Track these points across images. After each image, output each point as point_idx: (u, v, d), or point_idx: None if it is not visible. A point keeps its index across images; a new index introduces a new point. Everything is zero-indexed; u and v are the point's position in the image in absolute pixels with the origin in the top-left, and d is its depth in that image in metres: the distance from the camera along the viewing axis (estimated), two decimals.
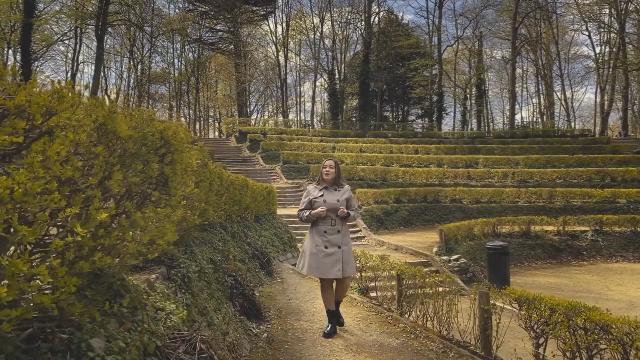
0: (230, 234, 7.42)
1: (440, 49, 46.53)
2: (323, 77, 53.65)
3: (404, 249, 14.65)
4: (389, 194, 20.37)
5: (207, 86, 63.23)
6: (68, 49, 46.20)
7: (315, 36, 53.61)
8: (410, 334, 5.66)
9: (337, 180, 5.23)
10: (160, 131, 2.22)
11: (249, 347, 4.88)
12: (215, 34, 55.11)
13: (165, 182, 2.28)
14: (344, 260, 4.96)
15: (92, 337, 1.71)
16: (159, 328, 2.42)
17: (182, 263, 3.64)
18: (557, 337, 4.12)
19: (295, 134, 36.26)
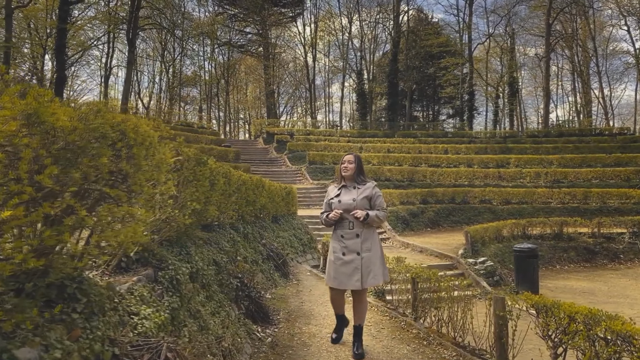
0: (242, 235, 7.30)
1: (470, 47, 45.60)
2: (352, 78, 53.36)
3: (428, 251, 14.27)
4: (415, 195, 19.96)
5: (237, 88, 63.81)
6: (102, 53, 47.30)
7: (343, 37, 53.44)
8: (423, 340, 5.40)
9: (358, 176, 4.52)
10: (116, 124, 2.06)
11: (251, 352, 4.73)
12: (245, 37, 55.59)
13: (125, 179, 2.13)
14: (364, 268, 4.26)
15: (20, 347, 1.56)
16: (122, 335, 2.26)
17: (172, 265, 3.49)
18: (575, 347, 3.79)
19: (323, 135, 36.11)
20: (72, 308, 2.00)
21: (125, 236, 2.29)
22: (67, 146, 1.77)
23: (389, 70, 45.59)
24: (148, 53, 52.64)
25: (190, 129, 33.62)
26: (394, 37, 46.01)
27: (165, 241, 3.97)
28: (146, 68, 55.81)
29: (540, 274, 14.41)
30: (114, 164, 2.04)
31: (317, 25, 53.91)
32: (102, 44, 44.53)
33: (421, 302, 6.08)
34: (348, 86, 56.22)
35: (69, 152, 1.77)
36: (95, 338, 1.98)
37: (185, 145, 3.64)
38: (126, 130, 2.08)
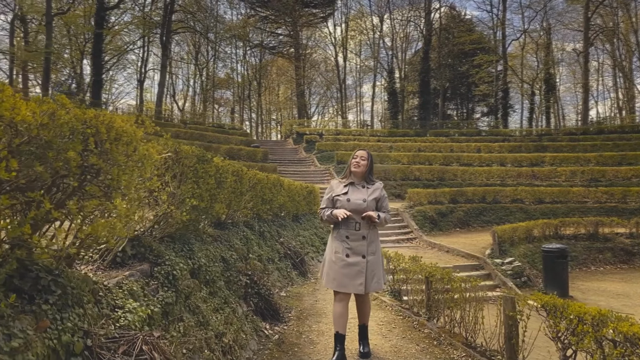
0: (257, 233, 7.34)
1: (504, 43, 44.62)
2: (383, 77, 52.99)
3: (455, 251, 14.00)
4: (443, 194, 19.62)
5: (269, 90, 64.42)
6: (138, 57, 48.55)
7: (374, 36, 53.15)
8: (434, 340, 5.30)
9: (368, 175, 4.27)
10: (87, 120, 2.10)
11: (256, 349, 4.75)
12: (276, 38, 56.05)
13: (97, 174, 2.16)
14: (368, 272, 4.03)
15: None
16: (100, 327, 2.30)
17: (168, 260, 3.54)
18: (583, 349, 3.64)
19: (352, 135, 36.01)
20: (44, 299, 2.05)
21: (103, 230, 2.33)
22: (31, 140, 1.81)
23: (421, 69, 45.07)
24: (182, 56, 53.72)
25: (221, 130, 34.14)
26: (425, 35, 45.48)
27: (167, 237, 4.03)
28: (181, 71, 57.04)
29: (573, 275, 13.98)
30: (85, 159, 2.07)
31: (348, 24, 53.86)
32: (137, 48, 45.69)
33: (435, 302, 5.97)
34: (380, 85, 55.93)
35: (33, 146, 1.81)
36: (64, 329, 2.02)
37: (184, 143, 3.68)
38: (98, 126, 2.11)
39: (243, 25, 51.59)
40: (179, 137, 26.74)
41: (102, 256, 3.26)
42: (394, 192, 22.69)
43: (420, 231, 16.78)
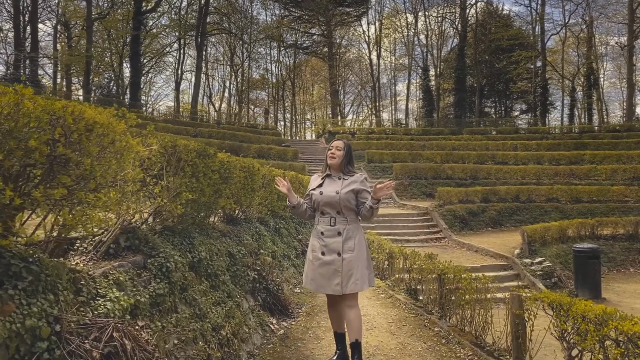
0: (272, 229, 7.38)
1: (543, 38, 43.22)
2: (418, 75, 52.36)
3: (483, 251, 13.69)
4: (475, 193, 19.20)
5: (303, 89, 64.68)
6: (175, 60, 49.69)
7: (409, 33, 52.60)
8: (442, 338, 5.19)
9: (345, 166, 3.85)
10: (56, 110, 2.15)
11: (259, 343, 4.77)
12: (310, 38, 56.18)
13: (66, 164, 2.21)
14: (344, 271, 3.62)
15: None
16: (73, 313, 2.36)
17: (162, 253, 3.59)
18: (586, 349, 3.49)
19: (385, 134, 35.70)
20: (13, 285, 2.11)
21: (75, 220, 2.38)
22: None
23: (456, 66, 44.26)
24: (217, 58, 54.63)
25: (254, 130, 34.52)
26: (460, 31, 44.64)
27: (167, 230, 4.10)
28: (217, 73, 58.01)
29: (609, 277, 13.46)
30: (52, 149, 2.12)
31: (382, 23, 53.49)
32: (174, 51, 46.78)
33: (447, 301, 5.85)
34: (414, 83, 55.29)
35: None
36: (30, 314, 2.08)
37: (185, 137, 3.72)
38: (65, 116, 2.16)
39: (277, 25, 52.01)
40: (212, 136, 27.21)
41: (95, 247, 3.34)
42: (424, 190, 22.40)
43: (449, 230, 16.48)
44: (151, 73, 49.88)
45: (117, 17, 39.85)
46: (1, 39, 39.02)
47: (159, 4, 38.90)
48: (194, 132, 27.76)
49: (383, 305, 6.75)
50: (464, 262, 12.31)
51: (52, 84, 42.61)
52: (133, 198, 3.46)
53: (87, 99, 34.04)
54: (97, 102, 33.36)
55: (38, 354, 2.08)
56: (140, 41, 35.49)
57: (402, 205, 20.13)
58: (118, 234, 3.42)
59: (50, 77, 43.45)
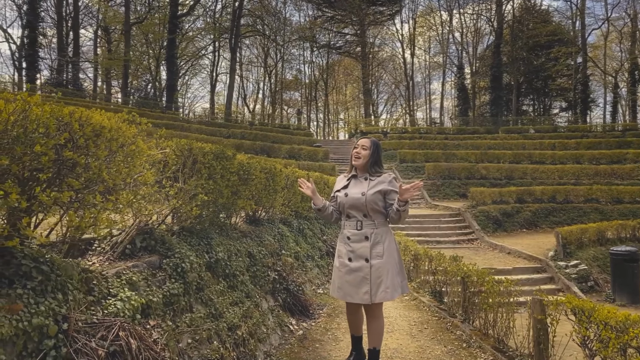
0: (295, 230, 7.41)
1: (584, 33, 41.78)
2: (453, 73, 51.61)
3: (516, 253, 13.35)
4: (509, 194, 18.73)
5: (336, 89, 64.71)
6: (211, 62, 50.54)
7: (443, 31, 51.90)
8: (463, 342, 5.10)
9: (372, 166, 3.60)
10: (64, 116, 2.23)
11: (277, 343, 4.81)
12: (343, 38, 56.15)
13: (73, 167, 2.29)
14: (373, 279, 3.40)
15: None
16: (82, 312, 2.43)
17: (178, 253, 3.66)
18: (608, 357, 3.36)
19: (418, 133, 35.32)
20: (22, 284, 2.20)
21: (84, 221, 2.46)
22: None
23: (492, 63, 43.35)
24: (251, 60, 55.29)
25: (285, 130, 34.76)
26: (496, 28, 43.70)
27: (185, 231, 4.18)
28: (251, 75, 58.72)
29: None
30: (60, 154, 2.20)
31: (416, 21, 52.97)
32: (209, 54, 47.60)
33: (471, 304, 5.74)
34: (450, 81, 54.52)
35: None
36: (37, 313, 2.16)
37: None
38: (71, 122, 2.24)
39: (310, 26, 52.22)
40: (244, 137, 27.55)
41: (112, 248, 3.44)
42: (457, 191, 22.04)
43: (482, 232, 16.15)
44: (187, 75, 50.97)
45: (154, 21, 40.86)
46: (46, 44, 40.58)
47: (194, 8, 39.69)
48: (226, 134, 28.18)
49: (406, 308, 6.69)
50: (496, 264, 12.06)
51: (93, 87, 44.10)
52: (152, 199, 3.55)
53: (125, 101, 35.09)
54: (134, 104, 34.34)
55: (45, 351, 2.16)
56: (176, 44, 36.28)
57: (434, 205, 19.87)
58: (134, 235, 3.51)
59: (91, 81, 44.97)
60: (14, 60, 40.87)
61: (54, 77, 34.35)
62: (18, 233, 2.17)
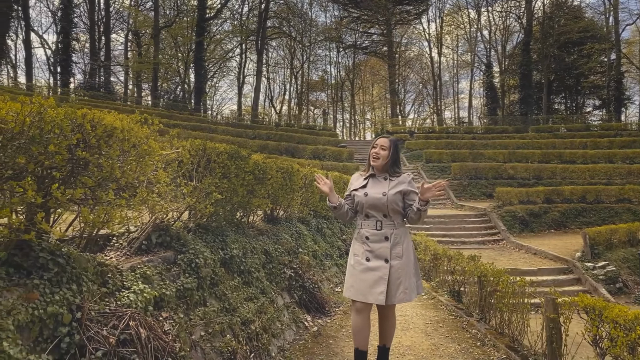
0: (314, 229, 7.50)
1: (617, 29, 40.63)
2: (481, 71, 50.87)
3: (542, 253, 13.14)
4: (537, 194, 18.40)
5: (363, 89, 64.63)
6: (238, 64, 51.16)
7: (471, 30, 51.25)
8: (478, 341, 5.10)
9: (392, 166, 3.57)
10: (77, 118, 2.38)
11: (292, 339, 4.91)
12: (369, 38, 56.03)
13: (86, 166, 2.43)
14: (392, 279, 3.35)
15: None
16: (95, 302, 2.58)
17: (192, 249, 3.80)
18: (617, 355, 3.33)
19: (446, 132, 35.05)
20: (39, 275, 2.35)
21: (97, 217, 2.61)
22: (14, 137, 2.10)
23: (521, 61, 42.56)
24: (278, 61, 55.74)
25: (311, 131, 34.93)
26: (526, 25, 42.89)
27: (201, 228, 4.32)
28: (278, 76, 59.21)
29: None
30: (73, 153, 2.35)
31: (443, 19, 52.51)
32: (236, 56, 48.22)
33: (487, 303, 5.73)
34: (478, 80, 53.77)
35: (16, 141, 2.10)
36: (53, 302, 2.30)
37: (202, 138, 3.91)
38: (84, 124, 2.38)
39: (335, 27, 52.32)
40: (270, 138, 27.83)
41: (129, 244, 3.60)
42: (484, 191, 21.77)
43: (508, 232, 15.93)
44: (216, 78, 51.78)
45: (183, 25, 41.65)
46: (79, 49, 41.87)
47: (221, 11, 40.26)
48: (252, 135, 28.52)
49: (423, 307, 6.70)
50: (520, 265, 11.91)
51: (124, 90, 45.23)
52: (167, 197, 3.70)
53: (155, 104, 35.90)
54: (164, 107, 35.07)
55: (59, 338, 2.30)
56: (203, 47, 36.91)
57: (459, 206, 19.69)
58: (150, 232, 3.66)
59: (122, 84, 46.15)
60: (49, 65, 42.32)
61: (86, 81, 35.41)
62: (35, 227, 2.32)
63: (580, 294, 4.09)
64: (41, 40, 42.84)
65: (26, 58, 35.47)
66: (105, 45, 38.60)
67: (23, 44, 36.57)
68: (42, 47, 43.65)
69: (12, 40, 36.17)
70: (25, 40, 35.26)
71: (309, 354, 4.50)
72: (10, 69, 40.06)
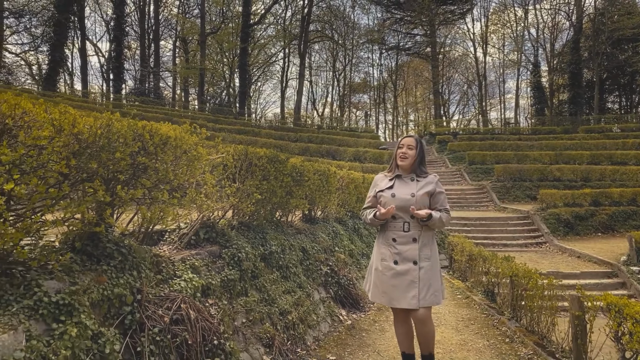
0: (350, 229, 7.80)
1: None
2: (528, 70, 49.67)
3: (586, 257, 12.90)
4: (583, 196, 17.96)
5: (406, 91, 64.30)
6: (281, 68, 52.05)
7: (518, 28, 50.13)
8: (506, 337, 5.27)
9: (419, 166, 3.53)
10: (138, 129, 2.79)
11: (327, 331, 5.24)
12: (412, 39, 55.71)
13: (145, 170, 2.85)
14: (422, 282, 3.30)
15: (47, 279, 2.35)
16: (152, 287, 2.99)
17: (235, 245, 4.20)
18: (635, 350, 3.47)
19: (490, 133, 34.51)
20: (107, 263, 2.78)
21: (154, 214, 3.02)
22: (88, 145, 2.53)
23: (570, 60, 41.34)
24: (320, 64, 56.33)
25: (352, 133, 35.18)
26: (575, 22, 41.60)
27: (243, 226, 4.73)
28: (320, 80, 59.83)
29: None
30: (134, 159, 2.77)
31: (488, 19, 51.61)
32: (280, 60, 49.11)
33: (518, 302, 5.87)
34: (525, 80, 52.51)
35: (89, 150, 2.53)
36: (118, 285, 2.73)
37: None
38: (143, 134, 2.79)
39: (378, 29, 52.38)
40: (311, 141, 28.29)
41: (180, 238, 4.03)
42: (528, 193, 21.39)
43: (551, 235, 15.67)
44: (260, 82, 52.92)
45: (228, 31, 42.86)
46: (130, 56, 43.81)
47: (265, 16, 41.17)
48: (294, 138, 29.07)
49: (457, 305, 6.88)
50: (562, 268, 11.77)
51: (172, 95, 46.94)
52: (214, 197, 4.10)
53: (201, 108, 37.12)
54: (210, 111, 36.23)
55: (124, 315, 2.72)
56: (248, 52, 37.88)
57: (502, 208, 19.46)
58: (198, 228, 4.08)
59: (170, 89, 47.89)
60: (102, 72, 44.56)
61: (137, 87, 37.04)
62: (104, 222, 2.75)
63: (605, 293, 4.22)
64: (95, 49, 45.19)
65: (81, 66, 37.50)
66: (154, 52, 40.25)
67: (79, 52, 38.67)
68: (96, 55, 46.01)
69: (68, 49, 38.34)
70: (81, 49, 37.28)
71: (342, 345, 4.82)
72: (67, 76, 42.41)
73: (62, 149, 2.38)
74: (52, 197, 2.36)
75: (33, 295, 2.24)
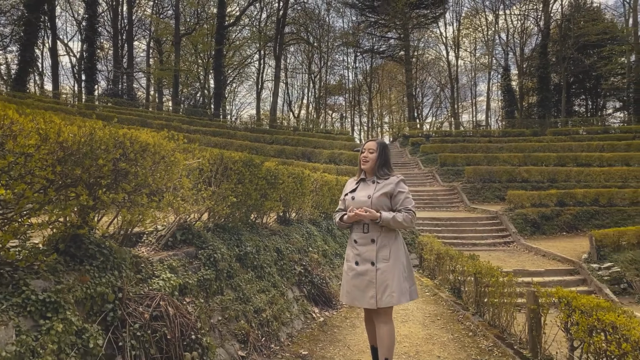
0: (324, 230, 8.03)
1: (637, 30, 40.30)
2: (499, 74, 50.86)
3: (550, 255, 13.46)
4: (549, 197, 18.63)
5: (381, 93, 65.02)
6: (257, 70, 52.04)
7: (489, 32, 51.29)
8: (470, 331, 5.58)
9: (380, 169, 3.57)
10: (119, 136, 2.96)
11: (300, 328, 5.45)
12: (386, 42, 56.44)
13: (126, 175, 3.02)
14: (379, 283, 3.35)
15: (34, 279, 2.51)
16: (132, 286, 3.16)
17: (210, 246, 4.38)
18: (579, 339, 3.80)
19: (461, 136, 35.29)
20: (89, 263, 2.94)
21: (133, 216, 3.19)
22: (72, 153, 2.69)
23: (539, 64, 42.57)
24: (296, 67, 56.53)
25: (328, 135, 35.48)
26: (543, 28, 42.86)
27: (219, 228, 4.91)
28: (296, 81, 60.00)
29: None
30: (116, 165, 2.94)
31: (460, 23, 52.67)
32: (255, 62, 49.12)
33: (481, 298, 6.19)
34: (496, 83, 53.76)
35: (74, 157, 2.69)
36: (100, 283, 2.89)
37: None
38: (124, 141, 2.97)
39: (353, 32, 52.91)
40: (287, 143, 28.47)
41: (157, 240, 4.19)
42: (497, 194, 22.02)
43: (518, 234, 16.24)
44: (235, 83, 52.81)
45: (203, 32, 42.70)
46: (103, 57, 43.23)
47: (240, 18, 41.16)
48: (270, 140, 29.20)
49: (425, 302, 7.18)
50: (528, 266, 12.25)
51: (146, 96, 46.46)
52: (190, 200, 4.27)
53: (175, 109, 36.90)
54: (184, 112, 36.04)
55: (106, 312, 2.89)
56: (223, 54, 37.82)
57: (472, 209, 20.01)
58: (175, 230, 4.25)
59: (144, 90, 47.41)
60: (74, 72, 43.78)
61: (110, 88, 36.58)
62: (87, 224, 2.92)
63: (557, 288, 4.55)
64: (66, 49, 44.39)
65: (52, 66, 36.75)
66: (127, 53, 39.81)
67: (49, 52, 37.90)
68: (67, 55, 45.23)
69: (39, 49, 37.61)
70: (52, 49, 36.55)
71: (314, 340, 5.04)
72: (37, 76, 41.58)
73: (48, 156, 2.54)
74: (39, 201, 2.52)
75: (21, 294, 2.40)
